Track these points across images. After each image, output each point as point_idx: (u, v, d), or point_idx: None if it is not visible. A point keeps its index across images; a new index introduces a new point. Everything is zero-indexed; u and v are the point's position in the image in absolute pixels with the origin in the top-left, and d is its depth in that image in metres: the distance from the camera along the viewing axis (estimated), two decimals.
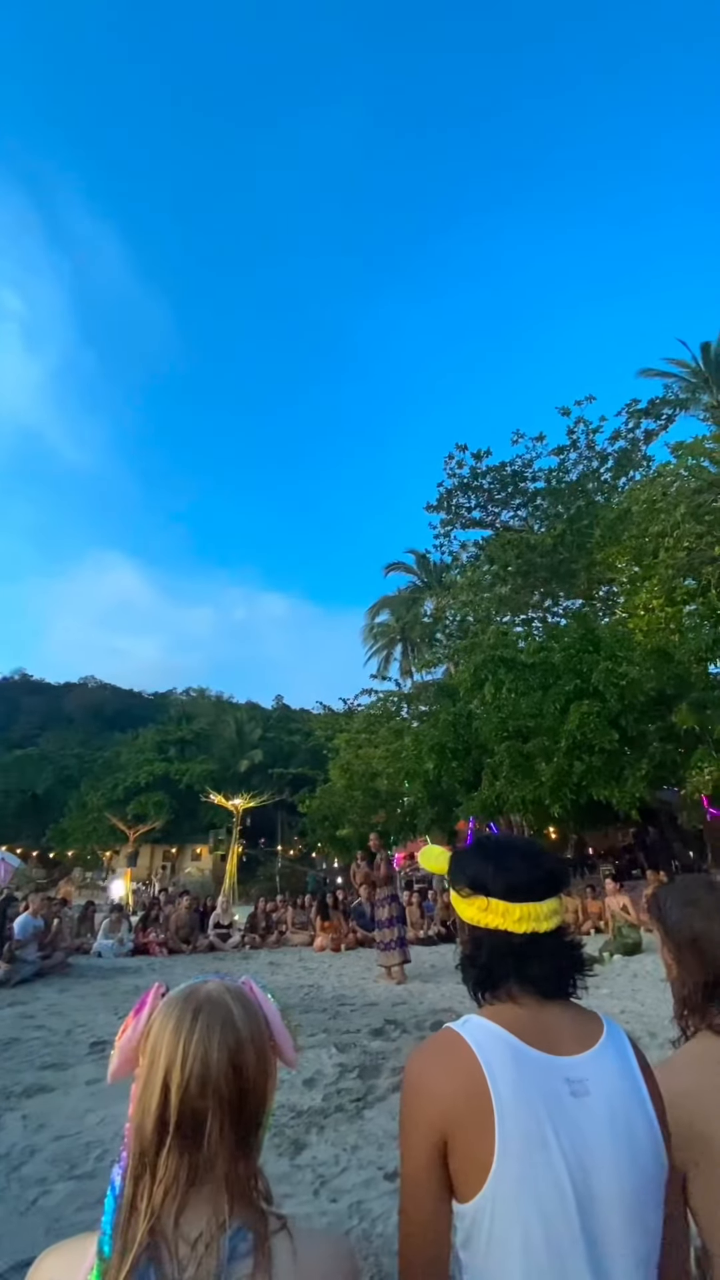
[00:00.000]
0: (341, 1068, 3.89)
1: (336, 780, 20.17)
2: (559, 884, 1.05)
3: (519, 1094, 0.87)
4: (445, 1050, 0.94)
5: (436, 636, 24.84)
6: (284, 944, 11.60)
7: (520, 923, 0.98)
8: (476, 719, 13.44)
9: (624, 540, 15.69)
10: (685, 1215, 1.10)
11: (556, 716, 11.49)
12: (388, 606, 34.05)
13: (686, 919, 1.27)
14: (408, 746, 15.28)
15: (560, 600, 21.40)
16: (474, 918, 1.03)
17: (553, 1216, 0.82)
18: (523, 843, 1.10)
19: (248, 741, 44.88)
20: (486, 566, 21.23)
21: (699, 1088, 1.13)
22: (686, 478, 14.94)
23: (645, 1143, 0.90)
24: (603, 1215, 0.84)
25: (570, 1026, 0.97)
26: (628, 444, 20.15)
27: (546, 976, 0.98)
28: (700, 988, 1.23)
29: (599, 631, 13.17)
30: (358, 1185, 2.47)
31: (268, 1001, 0.88)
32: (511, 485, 21.68)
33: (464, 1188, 0.87)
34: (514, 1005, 0.97)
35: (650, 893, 1.56)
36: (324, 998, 6.46)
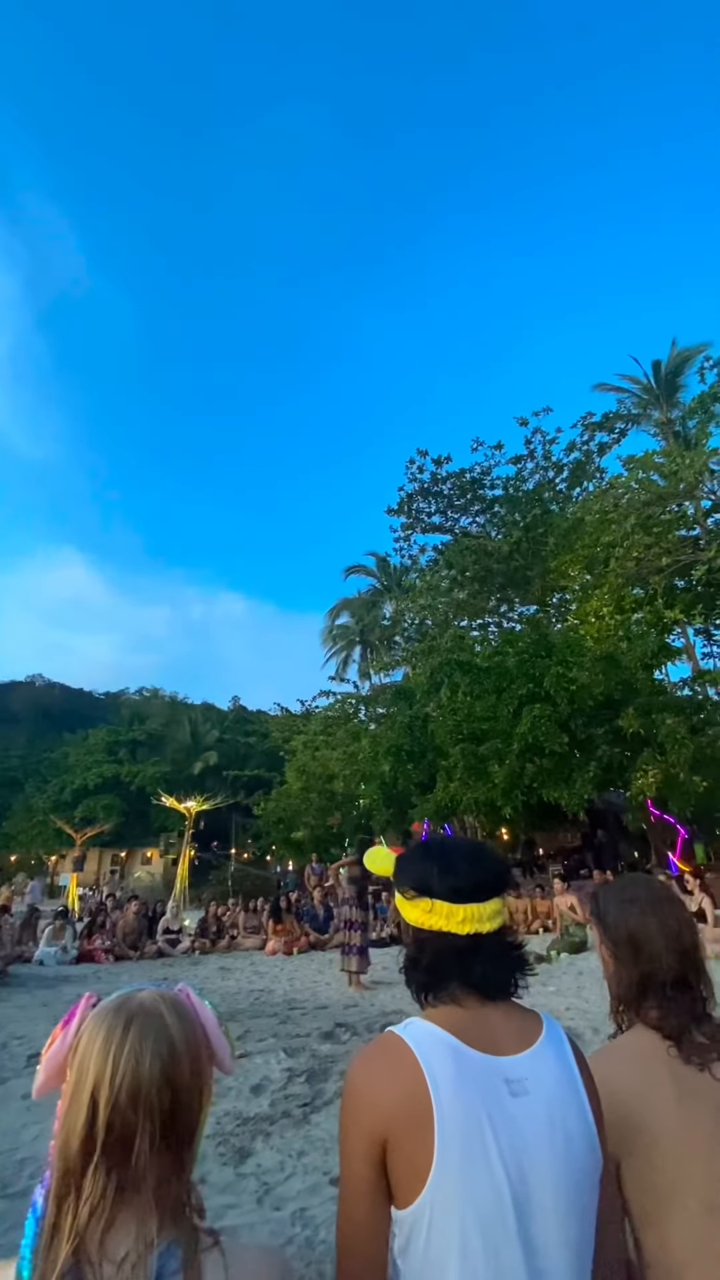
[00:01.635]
0: (290, 1072, 3.86)
1: (293, 783, 20.05)
2: (502, 885, 1.06)
3: (459, 1097, 0.87)
4: (386, 1055, 0.93)
5: (395, 639, 25.01)
6: (235, 948, 11.44)
7: (464, 924, 0.99)
8: (432, 722, 13.58)
9: (577, 549, 16.17)
10: (620, 1204, 1.13)
11: (509, 720, 11.72)
12: (348, 609, 34.10)
13: (624, 916, 1.30)
14: (364, 749, 15.33)
15: (515, 606, 21.86)
16: (418, 920, 1.03)
17: (490, 1220, 0.83)
18: (467, 844, 1.11)
19: (202, 743, 44.11)
20: (445, 571, 21.50)
21: (632, 1079, 1.16)
22: (637, 490, 15.50)
23: (580, 1138, 0.92)
24: (539, 1214, 0.85)
25: (511, 1026, 0.98)
26: (582, 456, 20.75)
27: (489, 977, 0.99)
28: (635, 983, 1.26)
29: (551, 637, 13.51)
30: (302, 1192, 2.45)
31: (205, 1009, 0.85)
32: (470, 492, 22.03)
33: (402, 1194, 0.86)
34: (456, 1007, 0.98)
35: (590, 891, 1.60)
36: (274, 1002, 6.39)
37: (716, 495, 15.26)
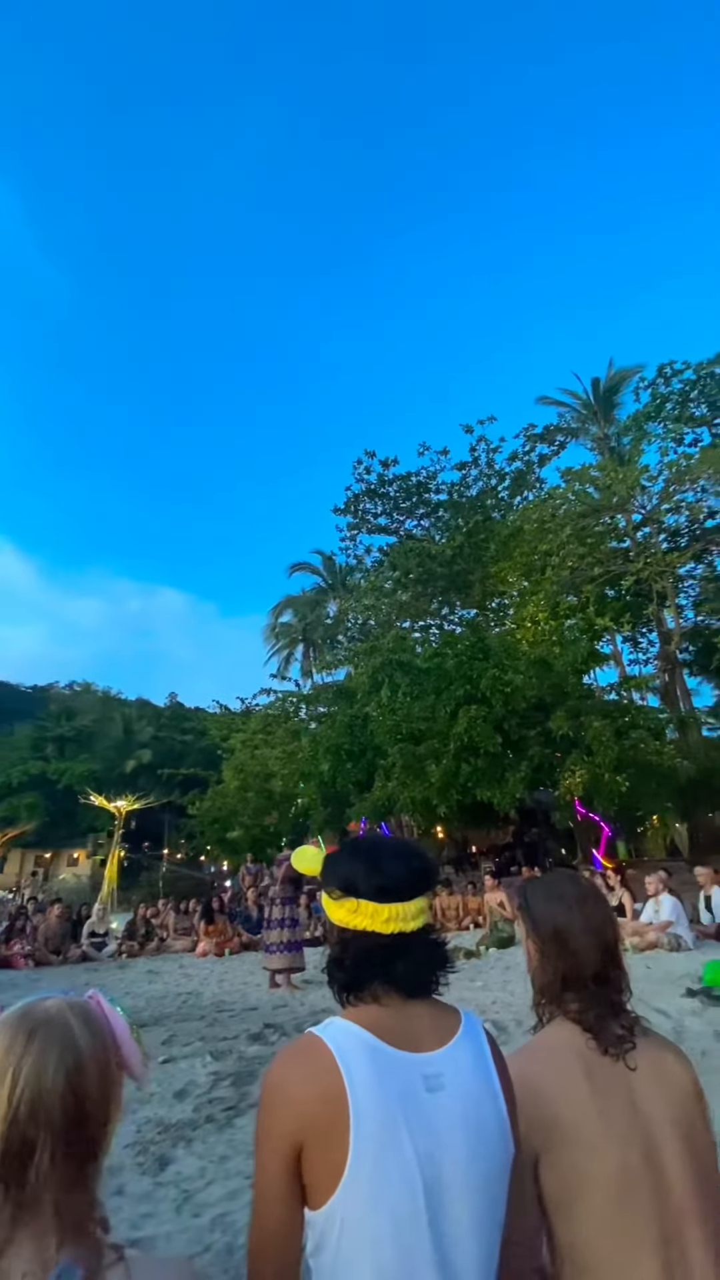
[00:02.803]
0: (216, 1076, 3.78)
1: (230, 781, 19.72)
2: (428, 883, 1.07)
3: (376, 1095, 0.87)
4: (304, 1056, 0.93)
5: (338, 638, 25.01)
6: (165, 951, 11.15)
7: (388, 923, 0.99)
8: (372, 721, 13.67)
9: (515, 556, 16.67)
10: (533, 1195, 1.16)
11: (447, 720, 11.94)
12: (291, 606, 33.84)
13: (549, 912, 1.34)
14: (304, 747, 15.25)
15: (456, 609, 22.31)
16: (343, 919, 1.02)
17: (402, 1217, 0.83)
18: (395, 843, 1.11)
19: (136, 740, 42.74)
20: (389, 572, 21.70)
21: (551, 1073, 1.19)
22: (573, 502, 16.14)
23: (494, 1131, 0.94)
24: (451, 1207, 0.86)
25: (430, 1023, 0.99)
26: (523, 465, 21.40)
27: (410, 975, 1.00)
28: (558, 976, 1.29)
29: (489, 641, 13.85)
30: (223, 1198, 2.40)
31: (115, 1016, 0.82)
32: (416, 495, 22.31)
33: (316, 1195, 0.86)
34: (376, 1005, 0.98)
35: (517, 887, 1.64)
36: (203, 1005, 6.26)
37: (646, 510, 16.09)
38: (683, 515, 16.04)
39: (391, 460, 21.81)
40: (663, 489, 15.53)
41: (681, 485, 15.30)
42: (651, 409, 16.59)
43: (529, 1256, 1.05)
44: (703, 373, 15.82)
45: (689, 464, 14.77)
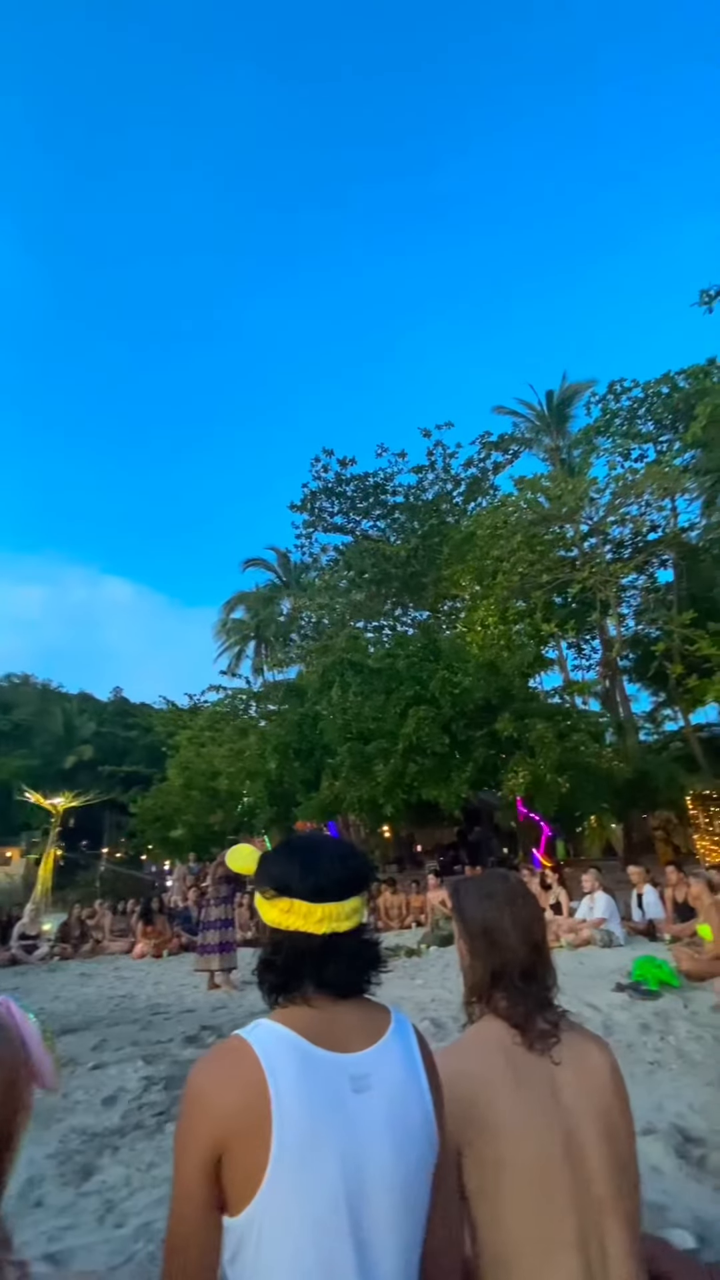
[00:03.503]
0: (147, 1081, 3.68)
1: (174, 779, 19.30)
2: (363, 883, 1.06)
3: (301, 1098, 0.86)
4: (228, 1059, 0.91)
5: (291, 636, 24.85)
6: (100, 953, 10.80)
7: (321, 924, 0.98)
8: (322, 720, 13.64)
9: (468, 560, 16.96)
10: (456, 1190, 1.17)
11: (396, 720, 12.04)
12: (244, 602, 33.35)
13: (481, 910, 1.36)
14: (252, 745, 15.08)
15: (409, 610, 22.52)
16: (275, 920, 1.01)
17: (323, 1222, 0.83)
18: (331, 842, 1.10)
19: (77, 736, 41.28)
20: (344, 571, 21.71)
21: (477, 1068, 1.21)
22: (525, 510, 16.55)
23: (419, 1129, 0.94)
24: (373, 1209, 0.86)
25: (359, 1023, 0.98)
26: (478, 472, 21.80)
27: (342, 976, 0.99)
28: (488, 974, 1.31)
29: (440, 643, 14.05)
30: (149, 1206, 2.34)
31: (26, 1022, 0.78)
32: (373, 496, 22.40)
33: (235, 1202, 0.85)
34: (306, 1007, 0.97)
35: (451, 885, 1.66)
36: (137, 1008, 6.10)
37: (593, 521, 16.66)
38: (627, 527, 16.69)
39: (350, 460, 21.84)
40: (609, 501, 16.11)
41: (627, 498, 15.92)
42: (601, 424, 17.20)
43: (452, 1249, 1.06)
44: (650, 391, 16.49)
45: (634, 478, 15.38)
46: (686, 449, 15.53)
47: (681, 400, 15.66)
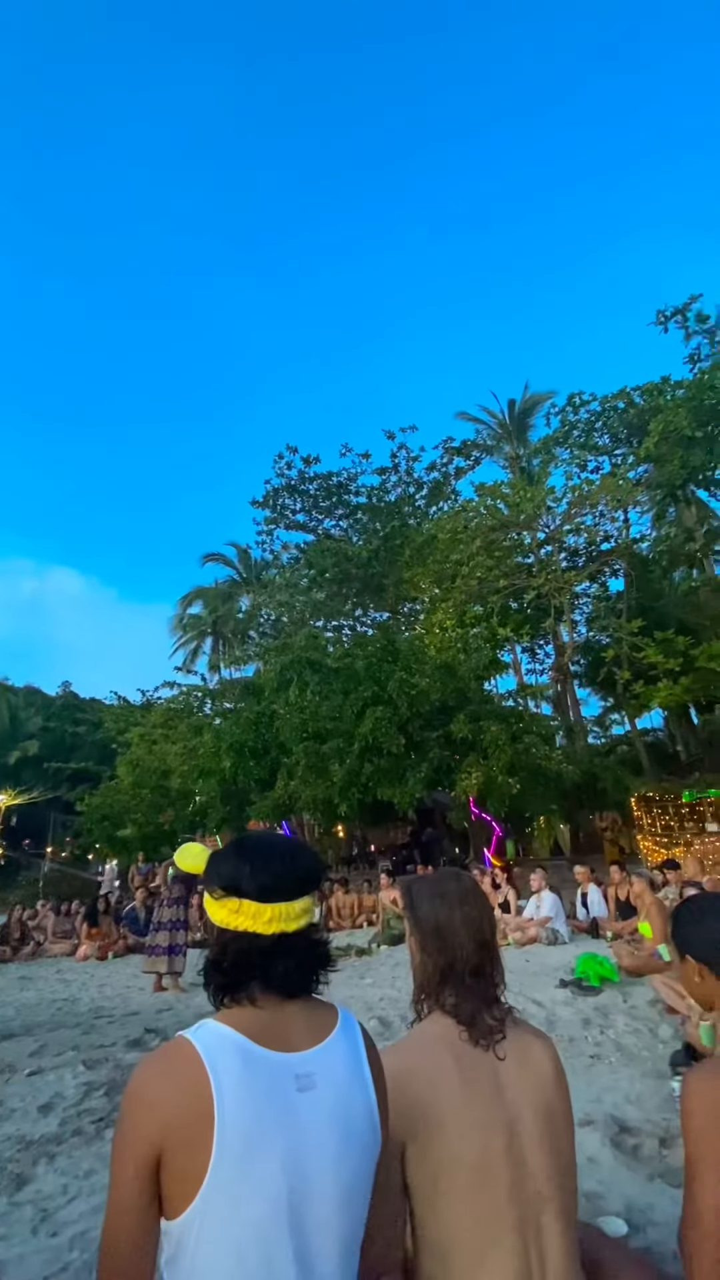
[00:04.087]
0: (88, 1086, 3.58)
1: (124, 777, 18.81)
2: (313, 883, 1.06)
3: (244, 1099, 0.86)
4: (170, 1060, 0.90)
5: (250, 633, 24.59)
6: (41, 955, 10.44)
7: (270, 924, 0.97)
8: (279, 719, 13.54)
9: (429, 563, 17.15)
10: (400, 1186, 1.18)
11: (353, 720, 12.06)
12: (202, 598, 32.80)
13: (433, 909, 1.37)
14: (206, 743, 14.82)
15: (370, 611, 22.62)
16: (224, 920, 1.00)
17: (263, 1223, 0.83)
18: (281, 842, 1.10)
19: (22, 731, 39.66)
20: (305, 570, 21.63)
21: (423, 1065, 1.22)
22: (485, 516, 16.84)
23: (363, 1128, 0.95)
24: (314, 1206, 0.87)
25: (305, 1022, 0.98)
26: (441, 476, 22.07)
27: (290, 976, 0.99)
28: (438, 971, 1.33)
29: (399, 644, 14.14)
30: (86, 1214, 2.27)
31: None
32: (336, 495, 22.41)
33: (173, 1204, 0.84)
34: (252, 1007, 0.96)
35: (403, 884, 1.67)
36: (79, 1011, 5.92)
37: (549, 530, 17.09)
38: (582, 537, 17.20)
39: (313, 458, 21.79)
40: (565, 511, 16.56)
41: (582, 509, 16.40)
42: (560, 434, 17.65)
43: (391, 1245, 1.07)
44: (607, 405, 17.02)
45: (590, 489, 15.85)
46: (639, 463, 16.10)
47: (636, 416, 16.22)
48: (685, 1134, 1.22)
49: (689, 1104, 1.22)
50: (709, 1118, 1.18)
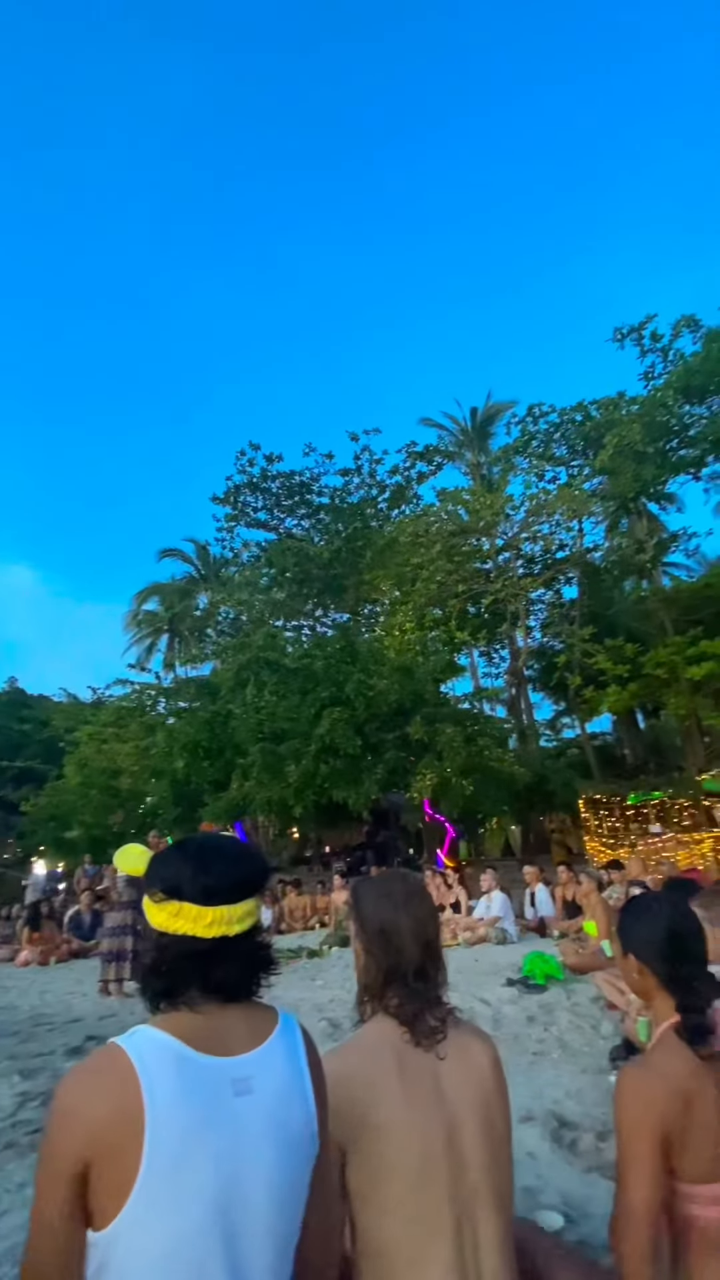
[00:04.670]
0: (23, 1097, 3.44)
1: (71, 777, 18.26)
2: (258, 885, 1.05)
3: (177, 1105, 0.84)
4: (101, 1067, 0.88)
5: (207, 632, 24.22)
6: None
7: (211, 927, 0.96)
8: (235, 719, 13.39)
9: (389, 566, 17.27)
10: (338, 1190, 1.17)
11: (310, 721, 12.02)
12: (158, 594, 32.05)
13: (379, 910, 1.37)
14: (159, 743, 14.53)
15: (330, 611, 22.59)
16: (163, 923, 0.97)
17: (193, 1233, 0.81)
18: (228, 843, 1.08)
19: None
20: (266, 568, 21.45)
21: (364, 1069, 1.22)
22: (445, 521, 17.08)
23: (300, 1130, 0.94)
24: (249, 1212, 0.86)
25: (244, 1026, 0.97)
26: (403, 480, 22.24)
27: (230, 980, 0.97)
28: (382, 973, 1.33)
29: (358, 645, 14.18)
30: (18, 1228, 2.18)
31: None
32: (299, 495, 22.31)
33: (100, 1215, 0.81)
34: (189, 1011, 0.95)
35: (349, 887, 1.67)
36: (18, 1019, 5.69)
37: (508, 537, 17.45)
38: (538, 545, 17.63)
39: (276, 456, 21.64)
40: (523, 519, 16.95)
41: (539, 517, 16.81)
42: (520, 444, 18.06)
43: (328, 1248, 1.06)
44: (565, 417, 17.50)
45: (547, 499, 16.27)
46: (595, 475, 16.61)
47: (593, 428, 16.74)
48: (617, 1128, 1.25)
49: (621, 1099, 1.26)
50: (640, 1112, 1.22)
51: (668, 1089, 1.23)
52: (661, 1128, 1.20)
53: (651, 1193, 1.19)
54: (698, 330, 15.33)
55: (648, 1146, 1.20)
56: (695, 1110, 1.21)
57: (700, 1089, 1.22)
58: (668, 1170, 1.22)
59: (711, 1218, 1.20)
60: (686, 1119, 1.20)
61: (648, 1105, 1.22)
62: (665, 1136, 1.20)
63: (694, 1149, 1.20)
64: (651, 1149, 1.20)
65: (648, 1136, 1.20)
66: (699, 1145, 1.20)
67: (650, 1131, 1.20)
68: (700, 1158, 1.20)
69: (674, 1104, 1.21)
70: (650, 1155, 1.20)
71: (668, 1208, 1.24)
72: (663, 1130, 1.20)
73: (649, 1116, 1.21)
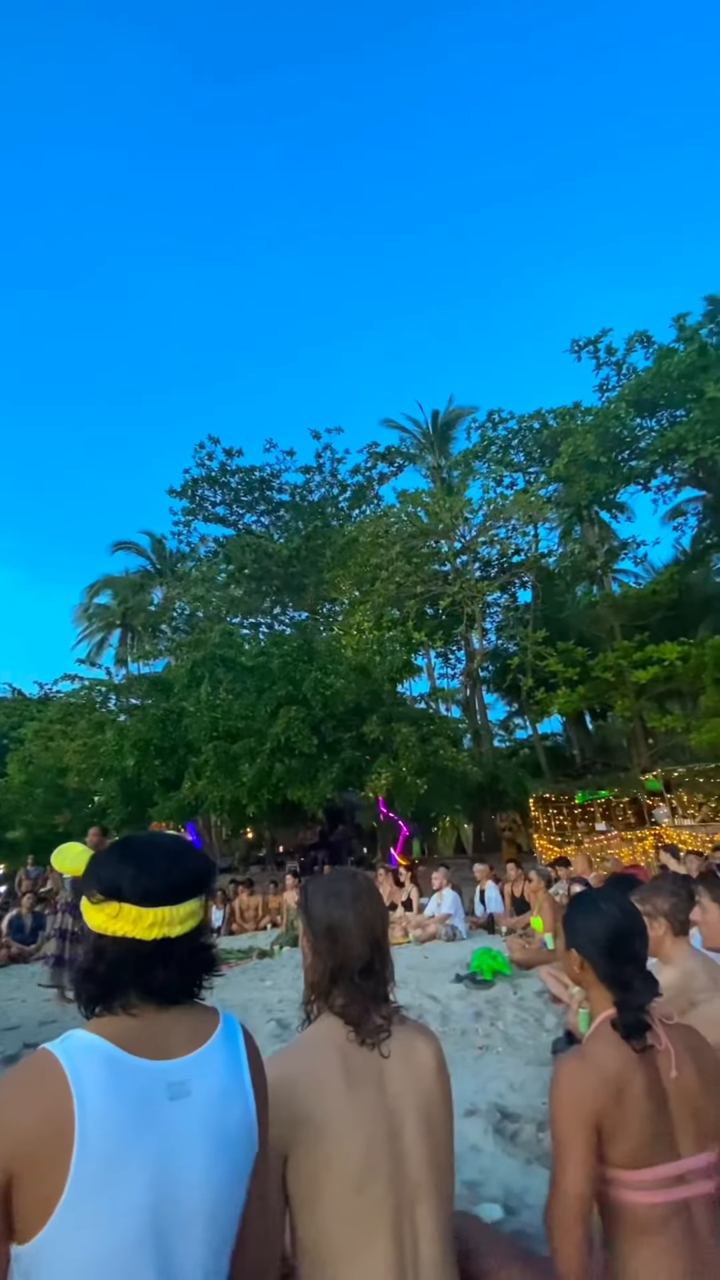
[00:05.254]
0: None
1: (14, 775, 17.56)
2: (202, 885, 1.03)
3: (108, 1112, 0.82)
4: (28, 1075, 0.85)
5: (161, 627, 23.72)
6: None
7: (152, 929, 0.93)
8: (188, 717, 13.15)
9: (349, 565, 17.29)
10: (280, 1193, 1.16)
11: (266, 720, 11.92)
12: (111, 587, 31.15)
13: (327, 909, 1.36)
14: (109, 741, 14.13)
15: (289, 610, 22.45)
16: (102, 925, 0.94)
17: (123, 1242, 0.79)
18: (171, 842, 1.06)
19: None
20: (224, 564, 21.15)
21: (307, 1069, 1.21)
22: (405, 522, 17.21)
23: (239, 1134, 0.93)
24: (181, 1218, 0.84)
25: (183, 1028, 0.95)
26: (364, 480, 22.30)
27: (170, 982, 0.95)
28: (329, 971, 1.32)
29: (316, 644, 14.15)
30: None
31: None
32: (258, 490, 22.08)
33: (25, 1228, 0.79)
34: (125, 1015, 0.92)
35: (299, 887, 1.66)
36: None
37: (466, 540, 17.72)
38: (495, 549, 17.97)
39: (236, 451, 21.37)
40: (481, 523, 17.25)
41: (496, 522, 17.15)
42: (479, 449, 18.36)
43: (266, 1250, 1.05)
44: (524, 424, 17.89)
45: (504, 504, 16.60)
46: (551, 482, 17.03)
47: (549, 437, 17.17)
48: (552, 1117, 1.28)
49: (556, 1089, 1.29)
50: (574, 1100, 1.26)
51: (600, 1078, 1.26)
52: (594, 1116, 1.23)
53: (584, 1179, 1.23)
54: (650, 346, 15.90)
55: (580, 1134, 1.23)
56: (626, 1099, 1.25)
57: (632, 1078, 1.26)
58: (600, 1157, 1.25)
59: (641, 1203, 1.24)
60: (618, 1107, 1.24)
61: (580, 1094, 1.25)
62: (597, 1124, 1.24)
63: (625, 1137, 1.24)
64: (584, 1137, 1.23)
65: (580, 1125, 1.23)
66: (630, 1133, 1.24)
67: (583, 1120, 1.24)
68: (630, 1145, 1.24)
69: (606, 1093, 1.25)
70: (583, 1143, 1.23)
71: (601, 1194, 1.28)
72: (595, 1118, 1.23)
73: (582, 1105, 1.24)
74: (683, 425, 14.22)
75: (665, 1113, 1.27)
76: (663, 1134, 1.25)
